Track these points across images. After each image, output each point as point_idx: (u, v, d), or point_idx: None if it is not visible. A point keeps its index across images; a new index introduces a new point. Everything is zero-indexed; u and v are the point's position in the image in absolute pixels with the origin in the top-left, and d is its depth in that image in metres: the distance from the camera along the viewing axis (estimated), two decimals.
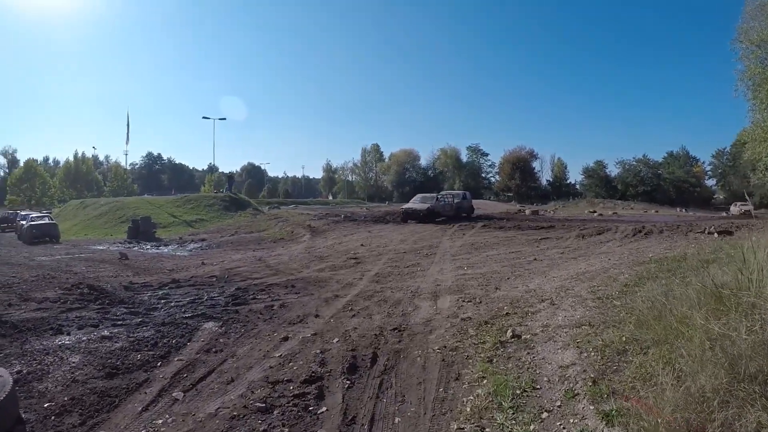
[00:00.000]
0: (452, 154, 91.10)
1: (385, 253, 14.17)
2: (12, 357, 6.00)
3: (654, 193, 68.34)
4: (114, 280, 11.79)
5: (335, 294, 8.75)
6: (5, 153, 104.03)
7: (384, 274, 10.68)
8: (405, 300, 7.86)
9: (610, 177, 77.14)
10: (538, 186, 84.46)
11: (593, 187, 76.42)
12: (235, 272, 12.18)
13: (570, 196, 74.31)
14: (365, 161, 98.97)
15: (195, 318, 7.55)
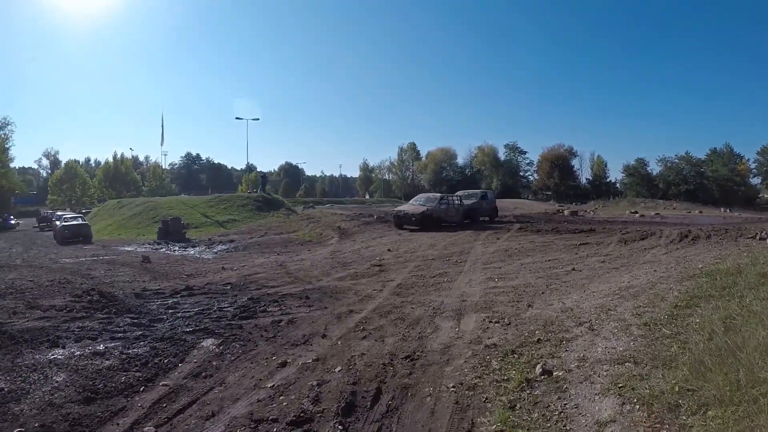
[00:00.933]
0: (490, 152, 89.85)
1: (411, 259, 13.53)
2: (2, 374, 5.78)
3: (697, 192, 65.01)
4: (128, 285, 11.66)
5: (350, 309, 8.19)
6: (47, 155, 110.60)
7: (407, 285, 10.04)
8: (425, 319, 7.19)
9: (651, 175, 73.98)
10: (577, 185, 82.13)
11: (634, 185, 73.49)
12: (252, 279, 11.85)
13: (610, 196, 71.72)
14: (402, 160, 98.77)
15: (196, 333, 7.17)
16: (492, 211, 28.28)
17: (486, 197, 28.72)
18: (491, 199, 29.14)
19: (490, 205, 28.43)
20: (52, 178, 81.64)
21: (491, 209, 28.30)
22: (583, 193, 76.94)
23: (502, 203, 44.22)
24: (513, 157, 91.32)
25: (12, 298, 9.99)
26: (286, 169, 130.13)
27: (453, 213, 24.61)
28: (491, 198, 29.43)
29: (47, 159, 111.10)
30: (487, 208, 27.88)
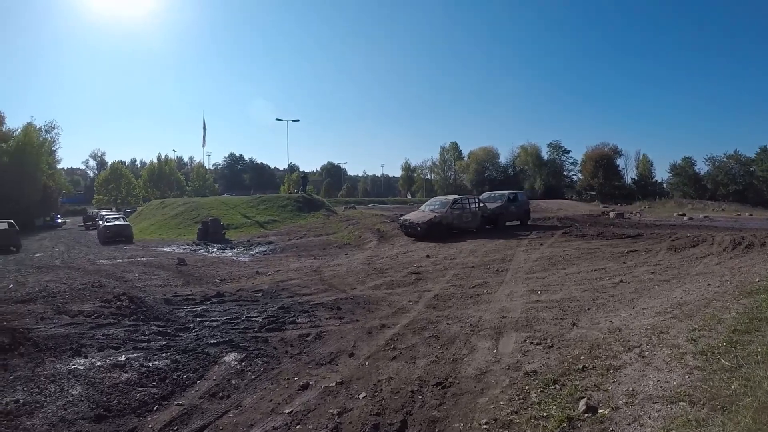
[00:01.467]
0: (532, 151, 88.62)
1: (451, 267, 13.03)
2: (18, 382, 5.80)
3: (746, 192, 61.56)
4: (160, 290, 11.68)
5: (382, 323, 7.81)
6: (95, 156, 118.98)
7: (444, 297, 9.58)
8: (460, 337, 6.72)
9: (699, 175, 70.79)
10: (621, 185, 79.53)
11: (681, 186, 70.54)
12: (285, 286, 11.66)
13: (656, 196, 68.93)
14: (444, 159, 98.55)
15: (220, 346, 6.96)
16: (523, 214, 25.73)
17: (515, 199, 25.74)
18: (522, 201, 26.33)
19: (522, 208, 25.81)
20: (99, 178, 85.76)
21: (522, 213, 25.70)
22: (628, 193, 74.32)
23: (546, 204, 42.97)
24: (556, 157, 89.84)
25: (43, 302, 10.10)
26: (328, 169, 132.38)
27: (469, 219, 21.94)
28: (522, 199, 26.59)
29: (94, 160, 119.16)
30: (516, 212, 25.26)
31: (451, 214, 21.16)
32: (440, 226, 20.49)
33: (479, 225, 22.14)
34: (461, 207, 22.02)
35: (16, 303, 10.20)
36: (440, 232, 20.20)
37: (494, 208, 24.08)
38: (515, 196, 25.91)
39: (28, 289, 11.85)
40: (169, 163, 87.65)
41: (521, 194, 27.46)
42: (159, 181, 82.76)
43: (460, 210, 21.79)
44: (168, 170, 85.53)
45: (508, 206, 24.73)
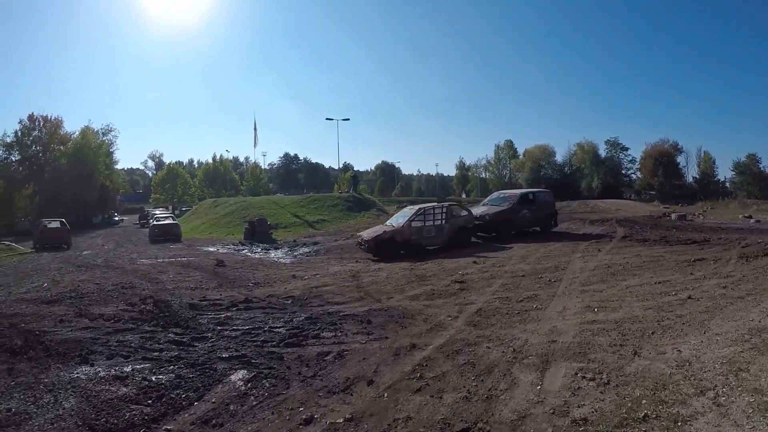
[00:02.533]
0: (589, 149, 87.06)
1: (499, 275, 12.14)
2: (18, 388, 5.70)
3: None
4: (190, 293, 11.52)
5: (413, 342, 7.12)
6: (153, 157, 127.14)
7: (488, 312, 8.74)
8: (500, 366, 5.90)
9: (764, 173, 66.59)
10: (682, 184, 76.58)
11: (745, 185, 67.15)
12: (319, 292, 11.18)
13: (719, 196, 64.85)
14: (498, 158, 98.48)
15: (231, 361, 6.53)
16: (544, 219, 21.55)
17: (532, 200, 21.50)
18: (543, 202, 21.87)
19: (543, 211, 21.51)
20: (155, 178, 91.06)
21: (543, 217, 21.49)
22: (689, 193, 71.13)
23: (604, 204, 40.62)
24: (614, 154, 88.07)
25: (67, 304, 10.12)
26: (382, 168, 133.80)
27: (431, 233, 18.11)
28: (543, 200, 22.05)
29: (152, 161, 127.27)
30: (531, 217, 21.06)
31: (408, 228, 17.80)
32: (392, 243, 17.45)
33: (446, 240, 18.22)
34: (423, 219, 18.27)
35: (43, 303, 10.27)
36: (393, 250, 17.33)
37: (493, 213, 20.24)
38: (532, 197, 21.77)
39: (60, 288, 12.00)
40: (224, 163, 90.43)
41: (542, 194, 23.02)
42: (214, 181, 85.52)
43: (421, 222, 18.15)
44: (223, 170, 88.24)
45: (517, 210, 20.61)
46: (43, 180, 54.83)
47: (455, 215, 19.07)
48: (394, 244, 17.46)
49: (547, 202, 22.30)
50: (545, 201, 22.15)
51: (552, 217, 22.11)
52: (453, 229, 18.42)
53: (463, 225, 18.83)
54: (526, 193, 22.47)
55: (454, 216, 18.90)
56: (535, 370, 5.65)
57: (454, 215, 18.96)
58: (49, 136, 57.40)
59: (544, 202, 21.93)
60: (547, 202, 22.23)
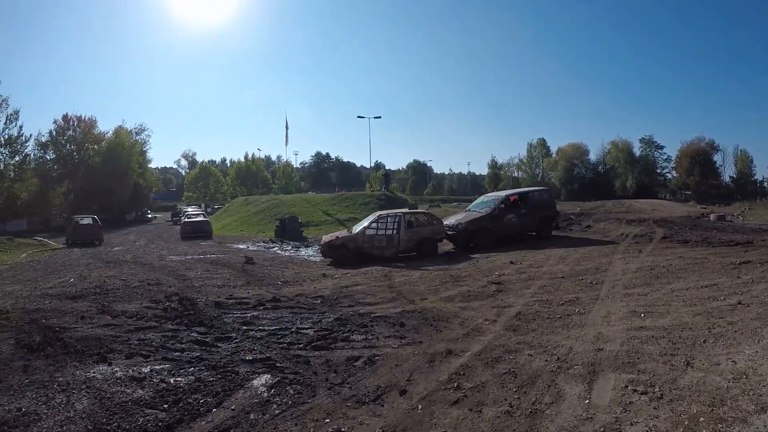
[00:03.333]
0: (624, 147, 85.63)
1: (537, 276, 11.53)
2: (32, 387, 5.53)
3: None
4: (216, 291, 11.32)
5: (449, 348, 6.65)
6: (186, 156, 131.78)
7: (528, 316, 8.20)
8: (544, 376, 5.39)
9: None
10: (719, 183, 74.89)
11: None
12: (349, 292, 10.83)
13: (757, 196, 62.66)
14: (531, 156, 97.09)
15: (255, 364, 6.20)
16: (539, 223, 19.35)
17: (519, 202, 19.50)
18: (537, 204, 19.62)
19: (536, 214, 19.24)
20: (188, 176, 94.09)
21: (537, 221, 19.26)
22: (725, 193, 69.10)
23: (639, 204, 39.15)
24: (649, 153, 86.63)
25: (91, 300, 10.03)
26: (414, 167, 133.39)
27: (382, 243, 16.81)
28: (538, 201, 19.80)
29: (185, 160, 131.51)
30: (518, 223, 18.85)
31: (362, 236, 16.94)
32: (344, 250, 16.63)
33: (394, 252, 16.86)
34: (377, 227, 17.14)
35: (66, 299, 10.20)
36: (345, 257, 16.40)
37: (467, 222, 18.41)
38: (521, 198, 19.65)
39: (86, 284, 11.96)
40: (255, 162, 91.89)
41: (536, 194, 20.61)
42: (246, 179, 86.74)
43: (374, 231, 17.04)
44: (255, 168, 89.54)
45: (497, 216, 18.55)
46: (78, 178, 56.76)
47: (421, 224, 17.85)
48: (345, 251, 16.67)
49: (543, 203, 19.96)
50: (540, 202, 19.84)
51: (550, 221, 19.93)
52: (414, 240, 17.15)
53: (429, 236, 17.47)
54: (511, 194, 20.29)
55: (418, 225, 17.74)
56: (581, 382, 5.14)
57: (419, 225, 17.81)
58: (83, 135, 59.31)
59: (538, 204, 19.64)
60: (542, 203, 19.91)
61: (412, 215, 18.39)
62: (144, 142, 68.74)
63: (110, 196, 56.92)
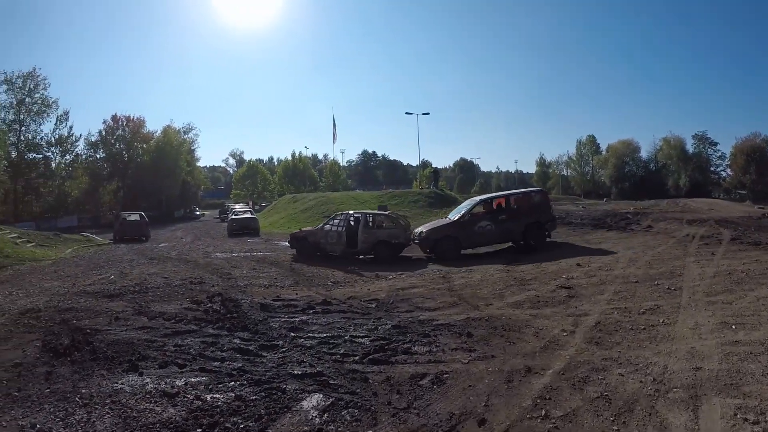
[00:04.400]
0: (676, 144, 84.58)
1: (608, 280, 10.34)
2: (51, 398, 4.97)
3: None
4: (262, 291, 10.73)
5: (527, 364, 5.69)
6: (234, 155, 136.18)
7: (608, 326, 7.15)
8: (641, 401, 4.48)
9: None
10: None
11: None
12: (406, 295, 9.97)
13: None
14: (580, 154, 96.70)
15: (304, 380, 5.39)
16: (527, 230, 16.71)
17: (498, 207, 17.66)
18: (525, 208, 17.46)
19: (522, 220, 16.79)
20: (236, 175, 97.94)
21: (524, 227, 16.70)
22: None
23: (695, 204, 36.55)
24: (702, 150, 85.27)
25: (128, 299, 9.56)
26: (461, 164, 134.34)
27: (333, 240, 17.13)
28: (526, 205, 17.65)
29: (233, 158, 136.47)
30: (496, 231, 16.63)
31: (321, 230, 17.62)
32: (304, 243, 17.34)
33: (343, 250, 16.96)
34: (334, 224, 17.68)
35: (103, 297, 9.77)
36: (306, 250, 17.10)
37: (429, 230, 16.90)
38: (503, 202, 17.75)
39: (126, 281, 11.58)
40: (302, 160, 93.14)
41: (526, 195, 18.73)
42: (293, 177, 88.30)
43: (331, 227, 17.58)
44: (302, 167, 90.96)
45: (468, 223, 16.74)
46: (127, 176, 59.58)
47: (380, 227, 17.58)
48: (305, 244, 17.38)
49: (532, 207, 17.46)
50: (527, 206, 17.52)
51: (540, 228, 16.93)
52: (370, 242, 16.81)
53: (384, 239, 16.97)
54: (487, 199, 18.73)
55: (377, 227, 17.53)
56: (685, 409, 4.29)
57: (378, 227, 17.57)
58: (132, 134, 61.88)
59: (524, 208, 17.41)
60: (530, 207, 17.47)
61: (374, 216, 18.41)
62: (192, 141, 71.32)
63: (159, 194, 58.79)
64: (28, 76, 49.04)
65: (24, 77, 48.79)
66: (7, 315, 8.37)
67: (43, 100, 50.37)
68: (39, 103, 50.13)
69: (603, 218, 22.30)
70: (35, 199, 51.09)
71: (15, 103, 48.66)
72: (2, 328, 7.47)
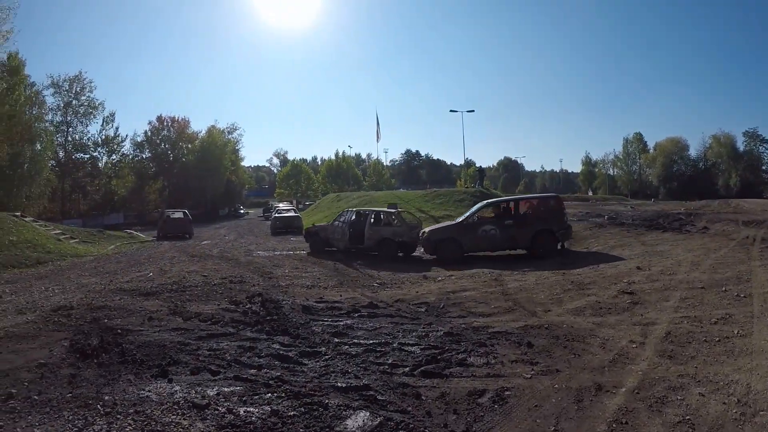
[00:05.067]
0: (726, 142, 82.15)
1: (672, 286, 9.42)
2: (71, 404, 4.60)
3: None
4: (305, 292, 10.36)
5: (596, 380, 5.04)
6: (277, 154, 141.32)
7: (680, 338, 6.43)
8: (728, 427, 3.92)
9: None
10: None
11: None
12: (457, 299, 9.34)
13: None
14: (627, 152, 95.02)
15: (349, 394, 4.83)
16: (536, 237, 15.38)
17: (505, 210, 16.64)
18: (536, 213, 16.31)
19: (532, 227, 15.53)
20: (280, 174, 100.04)
21: (535, 234, 15.37)
22: None
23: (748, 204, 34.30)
24: (753, 148, 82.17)
25: (164, 298, 9.32)
26: (505, 164, 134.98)
27: (337, 235, 18.04)
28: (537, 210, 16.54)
29: (277, 158, 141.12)
30: (501, 236, 15.49)
31: (331, 226, 18.88)
32: (316, 238, 18.78)
33: (346, 246, 17.69)
34: (340, 221, 18.61)
35: (139, 296, 9.52)
36: (317, 245, 18.57)
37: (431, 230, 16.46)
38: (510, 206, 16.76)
39: (164, 279, 11.36)
40: (346, 160, 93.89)
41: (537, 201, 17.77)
42: (337, 176, 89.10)
43: (338, 224, 18.55)
44: (345, 166, 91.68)
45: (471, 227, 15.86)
46: (172, 175, 61.61)
47: (386, 224, 17.89)
48: (317, 239, 18.68)
49: (543, 213, 16.26)
50: (538, 212, 16.36)
51: (552, 236, 15.53)
52: (374, 239, 17.14)
53: (389, 237, 17.18)
54: (496, 202, 17.77)
55: (383, 225, 17.86)
56: None
57: (385, 224, 17.88)
58: (177, 134, 64.27)
59: (534, 214, 16.27)
60: (541, 213, 16.27)
61: (382, 214, 18.54)
62: (236, 141, 73.00)
63: (204, 192, 60.30)
64: (74, 80, 51.08)
65: (70, 80, 50.86)
66: (39, 312, 8.19)
67: (89, 102, 52.40)
68: (85, 105, 52.20)
69: (655, 219, 21.02)
70: (82, 197, 53.42)
71: (62, 106, 50.73)
72: (32, 326, 7.25)
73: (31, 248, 16.70)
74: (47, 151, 42.40)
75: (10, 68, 36.53)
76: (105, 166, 55.22)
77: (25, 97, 39.59)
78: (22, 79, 38.85)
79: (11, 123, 33.33)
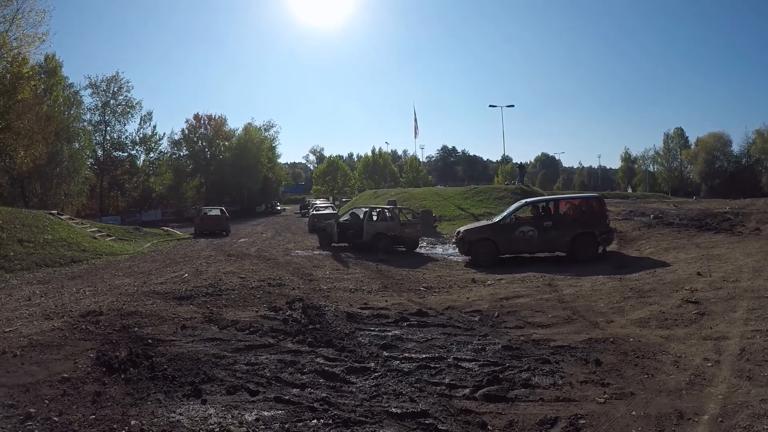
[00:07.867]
0: None
1: (737, 294, 8.49)
2: (93, 427, 4.13)
3: None
4: (347, 297, 9.79)
5: (676, 405, 4.45)
6: (314, 151, 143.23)
7: (755, 355, 5.72)
8: None
9: None
10: None
11: None
12: (511, 306, 8.64)
13: None
14: (668, 148, 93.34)
15: (404, 423, 4.26)
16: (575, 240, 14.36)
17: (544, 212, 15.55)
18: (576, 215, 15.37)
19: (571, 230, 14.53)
20: (316, 170, 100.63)
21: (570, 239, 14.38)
22: None
23: None
24: None
25: (199, 303, 8.90)
26: (543, 160, 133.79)
27: (351, 232, 19.19)
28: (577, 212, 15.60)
29: (313, 155, 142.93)
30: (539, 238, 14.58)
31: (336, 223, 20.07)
32: (323, 234, 20.28)
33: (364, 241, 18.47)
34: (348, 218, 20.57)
35: (172, 300, 9.14)
36: (324, 240, 20.05)
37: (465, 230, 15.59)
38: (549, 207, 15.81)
39: (200, 281, 10.99)
40: (383, 156, 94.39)
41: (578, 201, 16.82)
42: (373, 173, 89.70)
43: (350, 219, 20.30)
44: (382, 162, 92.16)
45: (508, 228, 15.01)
46: (210, 172, 63.12)
47: (382, 219, 19.44)
48: (324, 234, 19.99)
49: (584, 215, 15.32)
50: (579, 214, 15.45)
51: (593, 239, 14.50)
52: (371, 234, 18.45)
53: (382, 231, 18.65)
54: (535, 201, 16.67)
55: (380, 220, 19.40)
56: None
57: (380, 219, 19.45)
58: (213, 132, 65.75)
59: (574, 216, 15.39)
60: (582, 215, 15.36)
61: (378, 210, 20.30)
62: (273, 138, 74.15)
63: (240, 189, 61.28)
64: (111, 80, 52.39)
65: (108, 81, 52.18)
66: (67, 317, 7.84)
67: (126, 102, 53.74)
68: (123, 104, 53.52)
69: (702, 218, 19.65)
70: (120, 194, 55.16)
71: (100, 105, 52.17)
72: (58, 334, 6.86)
73: (66, 247, 16.64)
74: (85, 149, 43.92)
75: (47, 70, 37.75)
76: (143, 163, 56.77)
77: (63, 98, 40.63)
78: (59, 80, 40.33)
79: (49, 123, 34.07)
